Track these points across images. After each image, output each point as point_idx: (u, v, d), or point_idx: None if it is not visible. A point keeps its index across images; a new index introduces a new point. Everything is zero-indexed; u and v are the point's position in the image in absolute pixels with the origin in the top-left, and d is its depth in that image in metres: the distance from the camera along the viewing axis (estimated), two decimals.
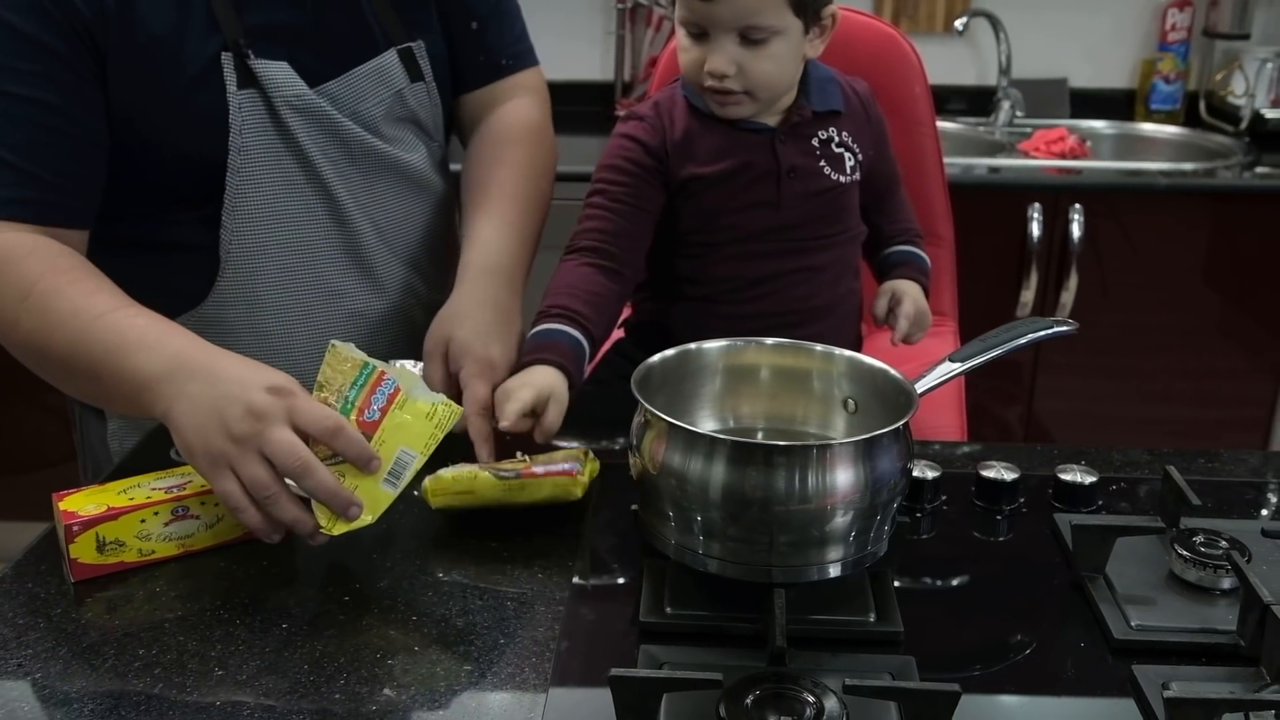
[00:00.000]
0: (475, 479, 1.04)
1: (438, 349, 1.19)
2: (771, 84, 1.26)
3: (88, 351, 1.06)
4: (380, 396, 0.99)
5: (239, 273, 1.25)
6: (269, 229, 1.25)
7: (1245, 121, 2.64)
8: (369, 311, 1.32)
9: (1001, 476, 1.10)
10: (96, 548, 0.97)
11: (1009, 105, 2.75)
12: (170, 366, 1.01)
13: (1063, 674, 0.88)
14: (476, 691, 0.85)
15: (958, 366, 1.02)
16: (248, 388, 0.96)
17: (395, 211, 1.33)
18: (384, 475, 0.98)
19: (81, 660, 0.88)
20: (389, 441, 0.98)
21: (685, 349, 1.04)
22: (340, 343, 1.02)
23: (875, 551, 0.93)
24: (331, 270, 1.29)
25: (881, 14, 2.79)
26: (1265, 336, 2.44)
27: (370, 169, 1.30)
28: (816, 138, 1.31)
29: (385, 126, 1.31)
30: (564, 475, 1.05)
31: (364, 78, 1.28)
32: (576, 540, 1.05)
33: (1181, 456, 1.21)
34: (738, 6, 1.20)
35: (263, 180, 1.23)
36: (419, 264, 1.37)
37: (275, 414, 0.95)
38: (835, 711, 0.78)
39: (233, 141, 1.20)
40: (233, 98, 1.20)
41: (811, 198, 1.31)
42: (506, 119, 1.42)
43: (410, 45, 1.32)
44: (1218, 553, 0.96)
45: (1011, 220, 2.34)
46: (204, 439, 0.96)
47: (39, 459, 2.60)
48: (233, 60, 1.19)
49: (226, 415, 0.95)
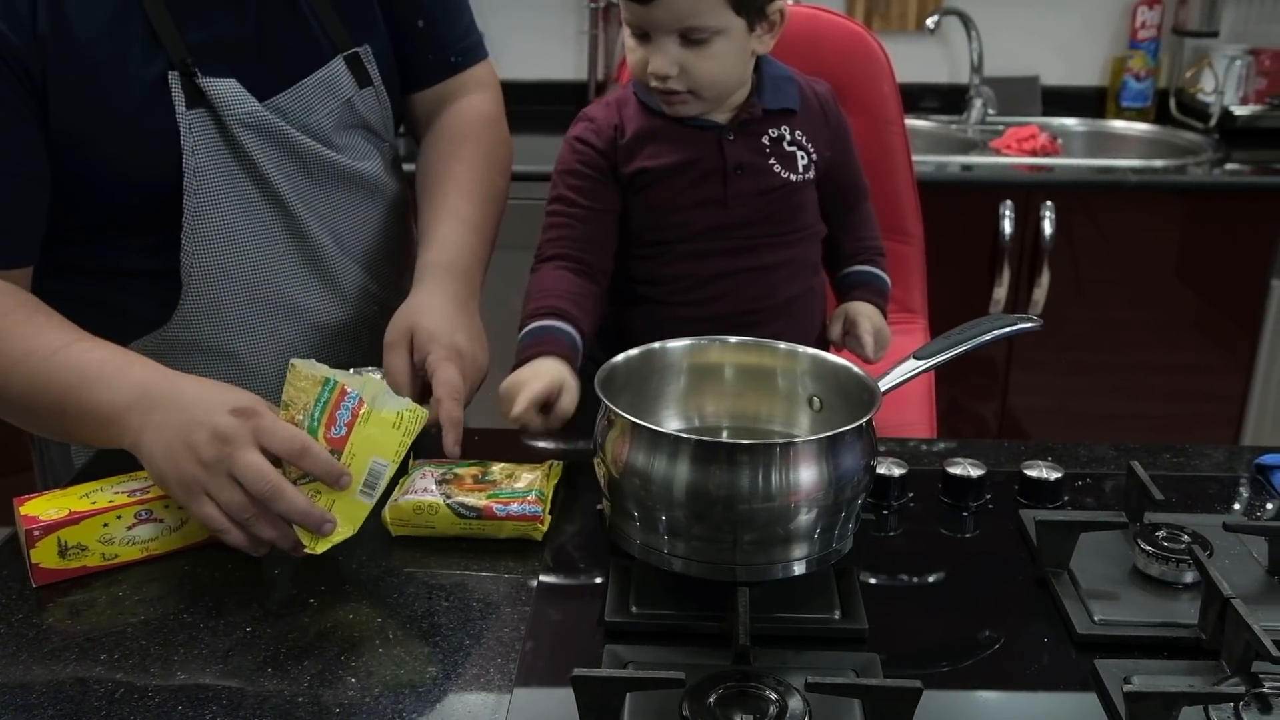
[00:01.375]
0: (436, 514, 1.03)
1: (401, 339, 1.17)
2: (716, 83, 1.25)
3: (46, 390, 1.05)
4: (345, 412, 0.98)
5: (201, 295, 1.23)
6: (229, 249, 1.22)
7: (1215, 118, 2.65)
8: (333, 322, 1.31)
9: (968, 473, 1.11)
10: (59, 552, 0.97)
11: (981, 103, 2.76)
12: (133, 397, 1.01)
13: (1026, 669, 0.88)
14: (442, 692, 0.85)
15: (921, 364, 1.02)
16: (211, 411, 0.96)
17: (353, 219, 1.32)
18: (359, 487, 0.98)
19: (43, 665, 0.87)
20: (359, 455, 0.98)
21: (649, 348, 1.04)
22: (300, 360, 1.02)
23: (840, 549, 0.94)
24: (293, 285, 1.27)
25: (853, 13, 2.80)
26: (1236, 331, 2.46)
27: (325, 180, 1.28)
28: (767, 135, 1.30)
29: (336, 136, 1.29)
30: (525, 520, 1.03)
31: (312, 89, 1.26)
32: (542, 541, 1.04)
33: (1147, 451, 1.22)
34: (674, 9, 1.19)
35: (220, 200, 1.20)
36: (377, 269, 1.36)
37: (241, 437, 0.95)
38: (798, 709, 0.78)
39: (186, 163, 1.17)
40: (182, 118, 1.16)
41: (760, 195, 1.30)
42: (460, 114, 1.41)
43: (356, 50, 1.29)
44: (1180, 547, 0.97)
45: (984, 217, 2.35)
46: (175, 466, 0.96)
47: (2, 464, 2.58)
48: (179, 80, 1.16)
49: (193, 441, 0.95)
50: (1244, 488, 1.16)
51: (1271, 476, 1.16)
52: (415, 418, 1.00)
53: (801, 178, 1.32)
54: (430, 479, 1.07)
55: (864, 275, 1.41)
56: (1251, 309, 2.44)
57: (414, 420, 1.00)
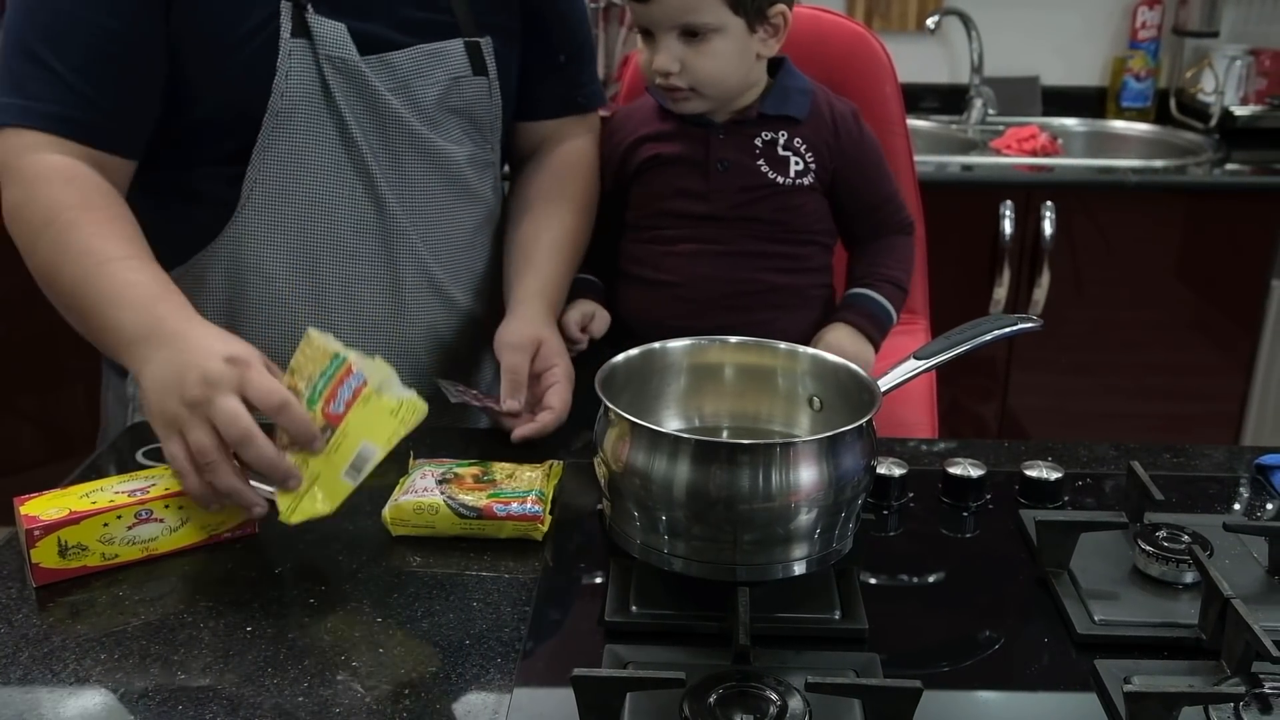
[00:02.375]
0: (436, 513, 1.03)
1: (528, 344, 1.24)
2: (715, 80, 1.31)
3: (84, 295, 1.11)
4: (347, 389, 0.98)
5: (257, 214, 1.25)
6: (294, 177, 1.24)
7: (1215, 118, 2.66)
8: (374, 283, 1.31)
9: (968, 473, 1.11)
10: (59, 552, 0.97)
11: (981, 103, 2.76)
12: (147, 331, 1.05)
13: (1026, 669, 0.88)
14: (441, 692, 0.85)
15: (922, 364, 1.02)
16: (208, 356, 0.99)
17: (420, 195, 1.32)
18: (345, 467, 0.98)
19: (43, 666, 0.87)
20: (352, 434, 0.98)
21: (649, 348, 1.04)
22: (316, 331, 1.03)
23: (840, 549, 0.94)
24: (348, 234, 1.28)
25: (854, 13, 2.80)
26: (1236, 331, 2.46)
27: (402, 149, 1.29)
28: (760, 138, 1.36)
29: (435, 110, 1.30)
30: (525, 520, 1.03)
31: (420, 57, 1.27)
32: (543, 541, 1.05)
33: (1148, 451, 1.22)
34: (670, 5, 1.26)
35: (298, 129, 1.23)
36: (436, 252, 1.34)
37: (226, 383, 0.97)
38: (798, 709, 0.78)
39: (276, 85, 1.20)
40: (284, 43, 1.20)
41: (744, 192, 1.35)
42: (574, 153, 1.44)
43: (478, 40, 1.31)
44: (1180, 547, 0.97)
45: (984, 217, 2.35)
46: (160, 401, 1.00)
47: (2, 464, 2.58)
48: (291, 9, 1.20)
49: (184, 380, 0.98)
50: (1244, 488, 1.16)
51: (1271, 476, 1.16)
52: (414, 410, 1.00)
53: (793, 182, 1.36)
54: (430, 479, 1.07)
55: (855, 296, 1.40)
56: (1251, 309, 2.44)
57: (412, 412, 1.00)
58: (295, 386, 1.00)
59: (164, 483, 1.02)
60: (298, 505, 0.99)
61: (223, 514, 1.03)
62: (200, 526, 1.02)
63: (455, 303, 1.37)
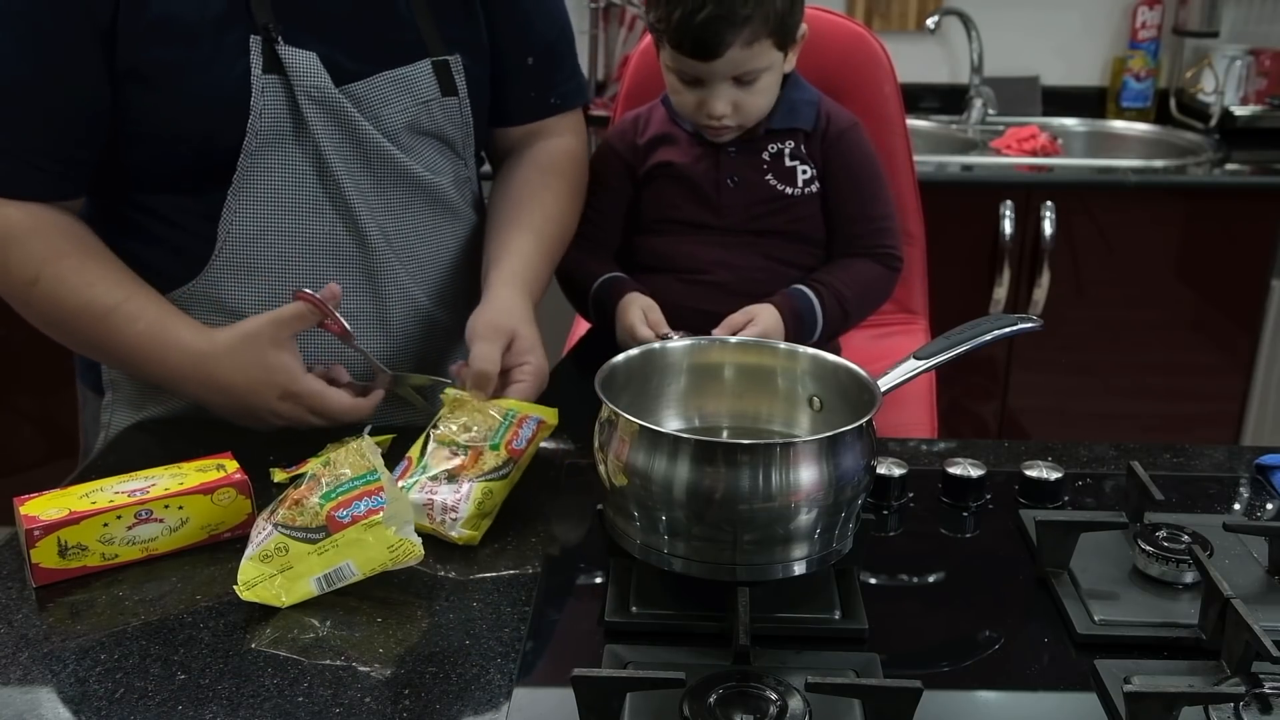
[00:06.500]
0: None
1: (499, 336, 1.20)
2: (762, 112, 1.37)
3: (97, 350, 1.24)
4: (362, 505, 0.96)
5: (234, 254, 1.23)
6: (270, 215, 1.23)
7: (1215, 118, 2.66)
8: (362, 316, 1.29)
9: (968, 473, 1.11)
10: (59, 552, 0.97)
11: (981, 103, 2.76)
12: (178, 376, 1.19)
13: (1026, 669, 0.88)
14: (442, 692, 0.85)
15: (921, 364, 1.02)
16: (266, 400, 1.17)
17: (406, 223, 1.31)
18: (319, 574, 0.95)
19: (43, 666, 0.87)
20: (343, 549, 0.95)
21: (649, 348, 1.04)
22: (370, 440, 1.04)
23: (840, 549, 0.94)
24: (330, 267, 1.26)
25: (854, 13, 2.80)
26: (1236, 331, 2.46)
27: (385, 177, 1.27)
28: (767, 151, 1.39)
29: (406, 136, 1.28)
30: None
31: (391, 82, 1.26)
32: (543, 541, 1.05)
33: (1147, 451, 1.22)
34: (733, 60, 1.30)
35: (274, 166, 1.22)
36: (423, 276, 1.33)
37: (298, 414, 1.18)
38: (798, 709, 0.78)
39: (250, 125, 1.19)
40: (256, 80, 1.18)
41: (754, 205, 1.38)
42: (552, 150, 1.42)
43: (447, 59, 1.30)
44: (1180, 547, 0.96)
45: (984, 217, 2.35)
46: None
47: (2, 464, 2.58)
48: (260, 44, 1.18)
49: (260, 418, 1.19)
50: (1244, 488, 1.16)
51: (1271, 476, 1.16)
52: (409, 553, 0.96)
53: (801, 191, 1.39)
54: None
55: (794, 291, 1.39)
56: (1251, 309, 2.44)
57: (406, 554, 0.96)
58: (318, 475, 0.99)
59: (164, 483, 1.02)
60: (258, 584, 0.94)
61: (223, 514, 1.03)
62: (200, 526, 1.02)
63: (443, 325, 1.35)
